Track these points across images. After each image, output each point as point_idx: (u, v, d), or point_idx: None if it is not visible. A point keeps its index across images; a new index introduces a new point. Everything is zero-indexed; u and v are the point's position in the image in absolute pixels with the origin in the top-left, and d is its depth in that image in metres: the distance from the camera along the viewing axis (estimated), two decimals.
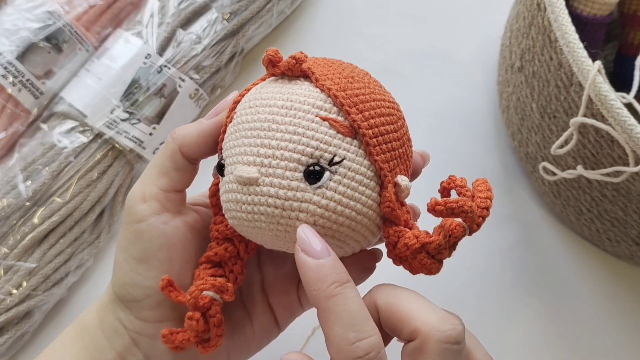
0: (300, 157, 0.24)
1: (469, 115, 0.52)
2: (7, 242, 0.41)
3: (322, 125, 0.25)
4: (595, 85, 0.33)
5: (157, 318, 0.28)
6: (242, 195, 0.25)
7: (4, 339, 0.40)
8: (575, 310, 0.46)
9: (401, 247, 0.25)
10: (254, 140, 0.25)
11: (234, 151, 0.25)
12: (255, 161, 0.24)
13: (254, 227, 0.25)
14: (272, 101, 0.25)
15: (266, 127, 0.25)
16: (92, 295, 0.45)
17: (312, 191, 0.24)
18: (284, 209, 0.24)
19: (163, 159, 0.29)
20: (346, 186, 0.25)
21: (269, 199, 0.24)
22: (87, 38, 0.46)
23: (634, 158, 0.33)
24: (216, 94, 0.50)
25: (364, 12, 0.56)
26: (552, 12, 0.36)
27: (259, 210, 0.24)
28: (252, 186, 0.24)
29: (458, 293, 0.46)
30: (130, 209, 0.28)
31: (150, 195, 0.28)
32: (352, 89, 0.26)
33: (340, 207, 0.24)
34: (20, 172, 0.42)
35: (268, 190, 0.24)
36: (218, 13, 0.48)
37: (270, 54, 0.26)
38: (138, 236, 0.28)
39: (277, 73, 0.27)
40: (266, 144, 0.24)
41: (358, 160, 0.25)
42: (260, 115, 0.25)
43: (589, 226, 0.45)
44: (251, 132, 0.25)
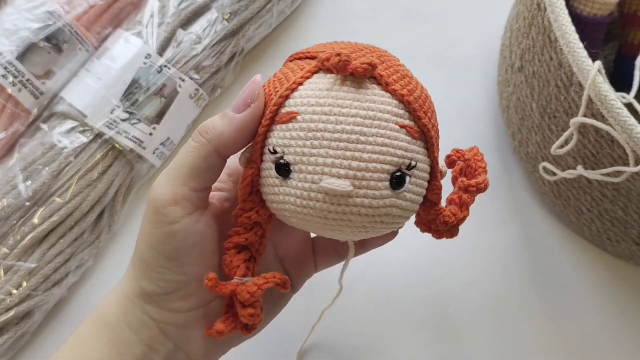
0: (389, 167, 0.25)
1: (469, 115, 0.52)
2: (7, 242, 0.41)
3: (401, 133, 0.26)
4: (595, 85, 0.33)
5: (187, 307, 0.29)
6: (329, 205, 0.25)
7: (4, 339, 0.40)
8: (576, 310, 0.46)
9: (440, 223, 0.28)
10: (343, 153, 0.25)
11: (314, 160, 0.25)
12: (347, 174, 0.25)
13: (333, 230, 0.26)
14: (353, 110, 0.25)
15: (355, 139, 0.25)
16: (92, 295, 0.45)
17: (396, 196, 0.26)
18: (372, 216, 0.26)
19: (196, 159, 0.27)
20: (418, 185, 0.27)
21: (360, 209, 0.25)
22: (87, 38, 0.46)
23: (634, 158, 0.33)
24: (216, 94, 0.50)
25: (364, 12, 0.56)
26: (552, 12, 0.36)
27: (348, 218, 0.25)
28: (344, 198, 0.25)
29: (458, 293, 0.46)
30: (161, 210, 0.27)
31: (182, 197, 0.27)
32: (414, 91, 0.27)
33: (412, 205, 0.27)
34: (20, 172, 0.42)
35: (362, 202, 0.25)
36: (218, 13, 0.48)
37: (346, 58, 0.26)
38: (171, 237, 0.27)
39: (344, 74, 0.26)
40: (357, 157, 0.25)
41: (423, 160, 0.27)
42: (345, 126, 0.25)
43: (589, 226, 0.45)
44: (337, 143, 0.25)
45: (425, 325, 0.45)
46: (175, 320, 0.29)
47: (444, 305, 0.45)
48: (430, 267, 0.46)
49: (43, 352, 0.43)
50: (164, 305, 0.28)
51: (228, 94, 0.52)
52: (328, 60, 0.26)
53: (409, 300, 0.45)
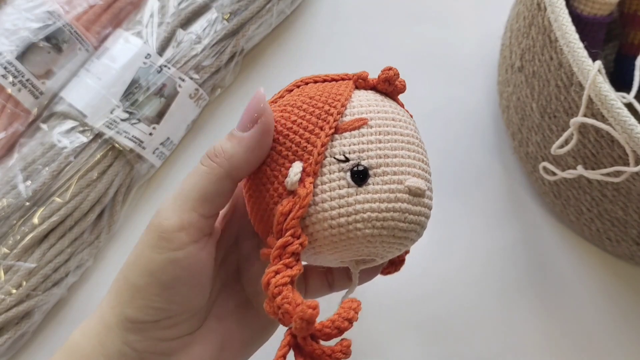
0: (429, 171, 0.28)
1: (469, 115, 0.52)
2: (6, 242, 0.41)
3: None
4: (595, 85, 0.33)
5: (174, 335, 0.27)
6: (410, 205, 0.26)
7: (4, 339, 0.40)
8: (576, 310, 0.46)
9: None
10: (415, 154, 0.27)
11: (396, 161, 0.26)
12: (421, 174, 0.27)
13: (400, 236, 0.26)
14: (406, 117, 0.28)
15: (416, 143, 0.27)
16: (92, 295, 0.45)
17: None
18: (427, 219, 0.27)
19: (206, 183, 0.26)
20: None
21: (427, 210, 0.27)
22: (87, 38, 0.46)
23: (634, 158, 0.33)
24: (216, 94, 0.50)
25: (363, 12, 0.56)
26: (552, 12, 0.36)
27: (419, 220, 0.27)
28: (420, 197, 0.26)
29: (459, 293, 0.46)
30: (166, 236, 0.25)
31: (189, 223, 0.26)
32: None
33: None
34: (20, 172, 0.42)
35: (429, 202, 0.27)
36: (218, 13, 0.48)
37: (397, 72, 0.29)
38: (172, 264, 0.26)
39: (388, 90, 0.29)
40: (424, 160, 0.28)
41: None
42: (409, 131, 0.27)
43: (589, 226, 0.45)
44: (409, 146, 0.27)
45: (425, 325, 0.45)
46: (160, 349, 0.27)
47: (443, 305, 0.45)
48: (429, 267, 0.46)
49: (43, 352, 0.43)
50: (149, 335, 0.27)
51: (228, 94, 0.52)
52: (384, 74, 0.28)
53: (408, 300, 0.45)
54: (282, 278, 0.24)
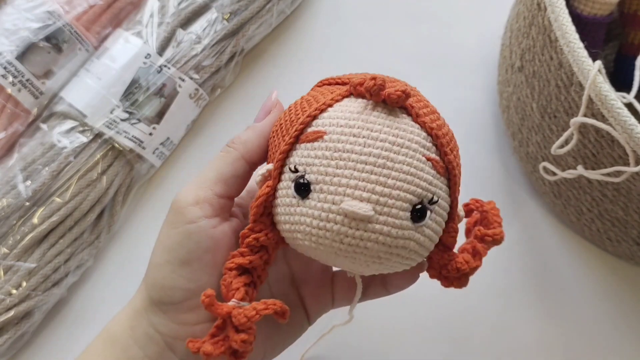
0: (412, 197, 0.25)
1: (469, 115, 0.52)
2: (6, 242, 0.41)
3: (427, 166, 0.25)
4: (595, 85, 0.33)
5: (195, 320, 0.28)
6: (347, 228, 0.24)
7: (4, 339, 0.40)
8: (576, 310, 0.46)
9: (452, 269, 0.28)
10: (367, 176, 0.24)
11: (336, 180, 0.25)
12: (370, 198, 0.24)
13: (346, 257, 0.25)
14: (383, 135, 0.25)
15: (381, 163, 0.25)
16: (92, 295, 0.45)
17: (415, 229, 0.25)
18: (390, 246, 0.25)
19: (222, 164, 0.29)
20: (437, 223, 0.26)
21: (379, 237, 0.24)
22: (87, 38, 0.46)
23: (635, 158, 0.33)
24: (216, 94, 0.50)
25: (364, 12, 0.56)
26: (553, 12, 0.36)
27: (365, 245, 0.25)
28: (364, 222, 0.24)
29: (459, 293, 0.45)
30: (181, 210, 0.28)
31: (204, 199, 0.28)
32: (442, 127, 0.27)
33: (429, 242, 0.26)
34: (20, 172, 0.42)
35: (381, 229, 0.24)
36: (218, 13, 0.48)
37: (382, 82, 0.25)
38: (186, 237, 0.27)
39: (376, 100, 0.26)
40: (382, 182, 0.24)
41: (445, 197, 0.26)
42: (373, 149, 0.25)
43: (589, 226, 0.45)
44: (363, 165, 0.24)
45: (425, 325, 0.45)
46: (183, 333, 0.28)
47: (444, 305, 0.45)
48: None
49: (43, 353, 0.43)
50: (172, 317, 0.28)
51: (228, 94, 0.52)
52: (362, 85, 0.26)
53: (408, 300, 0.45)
54: (229, 263, 0.27)
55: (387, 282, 0.32)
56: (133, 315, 0.29)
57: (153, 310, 0.28)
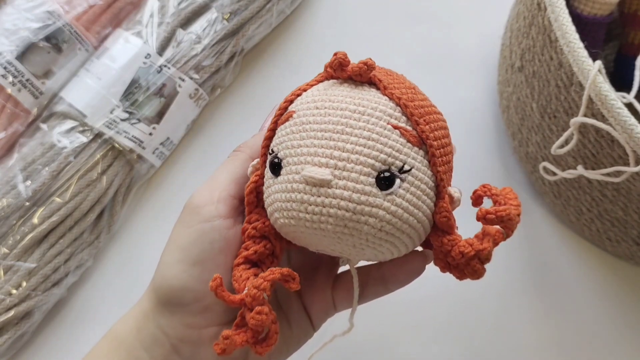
0: (374, 162, 0.24)
1: (469, 115, 0.52)
2: (6, 242, 0.41)
3: (393, 133, 0.25)
4: (595, 85, 0.33)
5: (202, 324, 0.28)
6: (309, 196, 0.24)
7: (4, 339, 0.40)
8: (576, 310, 0.46)
9: (456, 255, 0.26)
10: (326, 142, 0.25)
11: (299, 151, 0.25)
12: (328, 163, 0.24)
13: (315, 228, 0.25)
14: (344, 104, 0.25)
15: (340, 129, 0.25)
16: (92, 295, 0.45)
17: (383, 197, 0.24)
18: (355, 213, 0.24)
19: (233, 166, 0.29)
20: (413, 194, 0.25)
21: (341, 202, 0.24)
22: (87, 38, 0.46)
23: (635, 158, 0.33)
24: (216, 94, 0.50)
25: (364, 12, 0.56)
26: (553, 12, 0.36)
27: (328, 212, 0.24)
28: (324, 188, 0.24)
29: (459, 293, 0.46)
30: (197, 209, 0.28)
31: (219, 199, 0.28)
32: (417, 100, 0.26)
33: (406, 215, 0.25)
34: (20, 172, 0.42)
35: (341, 193, 0.24)
36: (218, 13, 0.48)
37: (341, 57, 0.26)
38: (200, 236, 0.27)
39: (343, 77, 0.27)
40: (340, 147, 0.24)
41: (423, 170, 0.25)
42: (332, 117, 0.25)
43: (589, 226, 0.45)
44: (322, 133, 0.25)
45: (425, 325, 0.45)
46: (189, 336, 0.28)
47: (444, 305, 0.45)
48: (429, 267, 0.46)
49: (43, 353, 0.43)
50: (180, 319, 0.28)
51: (228, 94, 0.52)
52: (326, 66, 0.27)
53: (408, 300, 0.45)
54: (237, 259, 0.27)
55: (386, 278, 0.31)
56: (140, 316, 0.28)
57: (161, 311, 0.28)
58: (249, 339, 0.25)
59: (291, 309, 0.31)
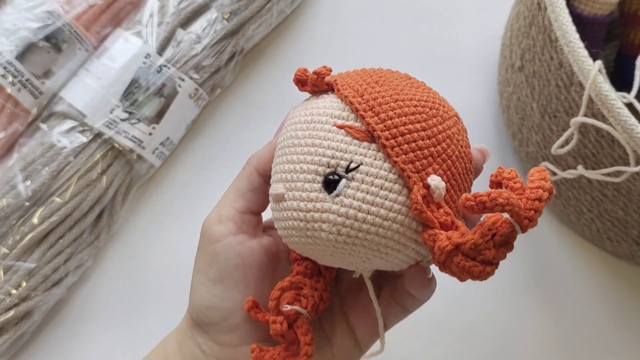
0: (317, 167, 0.24)
1: (469, 115, 0.51)
2: (6, 242, 0.41)
3: (338, 134, 0.25)
4: (595, 85, 0.33)
5: (235, 342, 0.28)
6: (276, 212, 0.26)
7: (4, 339, 0.40)
8: (576, 310, 0.46)
9: (436, 250, 0.23)
10: (280, 159, 0.26)
11: (273, 170, 0.27)
12: (282, 178, 0.25)
13: (291, 242, 0.26)
14: (297, 118, 0.26)
15: (289, 143, 0.26)
16: (92, 295, 0.44)
17: (331, 200, 0.24)
18: (307, 221, 0.24)
19: (239, 181, 0.29)
20: (364, 192, 0.24)
21: (293, 213, 0.25)
22: (87, 38, 0.46)
23: (635, 158, 0.33)
24: (216, 94, 0.50)
25: (364, 12, 0.56)
26: (553, 12, 0.36)
27: (289, 225, 0.25)
28: (281, 202, 0.25)
29: (458, 293, 0.46)
30: (207, 231, 0.28)
31: (226, 216, 0.28)
32: (370, 93, 0.25)
33: (361, 214, 0.24)
34: (20, 172, 0.42)
35: (292, 204, 0.25)
36: (218, 13, 0.48)
37: (298, 73, 0.27)
38: (214, 257, 0.28)
39: (309, 91, 0.27)
40: (289, 160, 0.25)
41: (377, 164, 0.24)
42: (287, 133, 0.26)
43: (589, 226, 0.45)
44: (280, 150, 0.26)
45: (425, 326, 0.45)
46: (225, 355, 0.28)
47: (444, 305, 0.45)
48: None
49: (42, 353, 0.43)
50: (213, 337, 0.28)
51: (228, 94, 0.52)
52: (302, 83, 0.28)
53: None
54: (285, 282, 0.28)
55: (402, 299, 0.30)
56: (181, 334, 0.30)
57: (196, 330, 0.29)
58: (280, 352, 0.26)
59: (334, 330, 0.30)
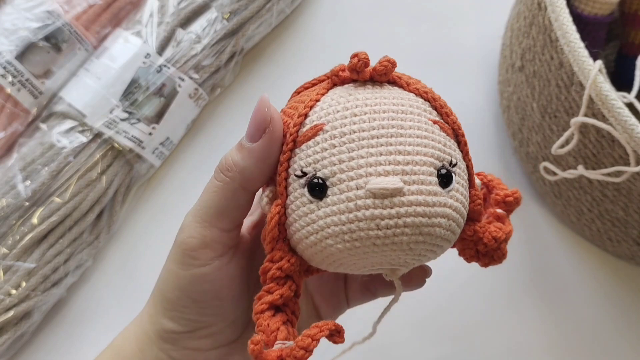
0: (434, 160, 0.23)
1: (469, 115, 0.52)
2: (6, 242, 0.41)
3: (435, 128, 0.24)
4: (596, 84, 0.33)
5: (209, 346, 0.27)
6: (381, 210, 0.22)
7: (3, 339, 0.39)
8: (576, 310, 0.45)
9: (489, 241, 0.26)
10: (384, 149, 0.22)
11: (352, 164, 0.23)
12: (394, 170, 0.22)
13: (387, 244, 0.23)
14: (384, 106, 0.23)
15: (393, 133, 0.23)
16: (92, 295, 0.44)
17: (447, 195, 0.23)
18: (430, 217, 0.23)
19: (222, 199, 0.25)
20: (463, 187, 0.24)
21: (417, 208, 0.22)
22: (87, 37, 0.46)
23: (635, 158, 0.33)
24: (216, 94, 0.50)
25: (364, 12, 0.56)
26: (553, 12, 0.36)
27: (405, 222, 0.22)
28: (396, 197, 0.22)
29: (458, 293, 0.45)
30: (191, 253, 0.26)
31: (212, 239, 0.26)
32: (434, 93, 0.25)
33: (462, 209, 0.24)
34: (20, 172, 0.42)
35: (416, 199, 0.22)
36: (218, 12, 0.48)
37: (365, 57, 0.24)
38: (199, 280, 0.26)
39: (363, 78, 0.25)
40: (401, 151, 0.23)
41: (461, 161, 0.25)
42: (379, 122, 0.23)
43: (589, 226, 0.45)
44: (376, 140, 0.23)
45: (425, 326, 0.45)
46: (198, 359, 0.27)
47: (444, 305, 0.45)
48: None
49: (42, 353, 0.42)
50: (184, 344, 0.27)
51: (228, 94, 0.51)
52: (343, 70, 0.25)
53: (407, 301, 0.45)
54: (259, 306, 0.24)
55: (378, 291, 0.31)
56: (143, 338, 0.28)
57: (164, 337, 0.27)
58: None
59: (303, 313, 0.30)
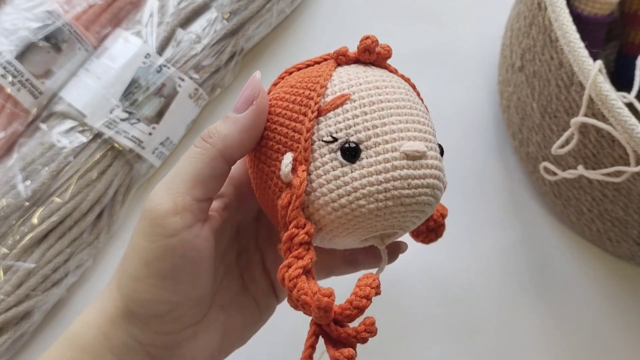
0: (434, 132, 0.27)
1: (469, 115, 0.52)
2: (6, 242, 0.41)
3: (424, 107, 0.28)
4: (596, 84, 0.33)
5: (178, 328, 0.27)
6: (412, 170, 0.25)
7: (3, 339, 0.39)
8: (576, 310, 0.45)
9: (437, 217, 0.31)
10: (409, 118, 0.26)
11: (386, 129, 0.25)
12: (418, 136, 0.26)
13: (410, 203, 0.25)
14: (396, 84, 0.27)
15: (410, 105, 0.26)
16: (92, 295, 0.44)
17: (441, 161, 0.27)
18: (439, 180, 0.26)
19: (199, 165, 0.25)
20: None
21: (434, 171, 0.26)
22: (87, 37, 0.46)
23: (635, 158, 0.33)
24: (216, 94, 0.50)
25: (363, 12, 0.56)
26: (553, 12, 0.36)
27: (427, 183, 0.25)
28: (422, 160, 0.25)
29: (459, 293, 0.45)
30: (160, 221, 0.25)
31: (183, 207, 0.25)
32: None
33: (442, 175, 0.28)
34: (20, 172, 0.42)
35: (433, 163, 0.26)
36: (218, 12, 0.48)
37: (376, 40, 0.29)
38: (169, 252, 0.25)
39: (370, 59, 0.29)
40: (420, 121, 0.26)
41: None
42: (399, 95, 0.26)
43: (589, 226, 0.45)
44: (401, 110, 0.26)
45: (425, 326, 0.45)
46: (165, 342, 0.27)
47: (444, 305, 0.45)
48: (429, 269, 0.46)
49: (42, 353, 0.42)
50: (154, 328, 0.26)
51: (228, 94, 0.51)
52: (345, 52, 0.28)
53: (408, 301, 0.45)
54: (294, 270, 0.24)
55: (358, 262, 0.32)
56: (107, 323, 0.26)
57: (131, 321, 0.26)
58: None
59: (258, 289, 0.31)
